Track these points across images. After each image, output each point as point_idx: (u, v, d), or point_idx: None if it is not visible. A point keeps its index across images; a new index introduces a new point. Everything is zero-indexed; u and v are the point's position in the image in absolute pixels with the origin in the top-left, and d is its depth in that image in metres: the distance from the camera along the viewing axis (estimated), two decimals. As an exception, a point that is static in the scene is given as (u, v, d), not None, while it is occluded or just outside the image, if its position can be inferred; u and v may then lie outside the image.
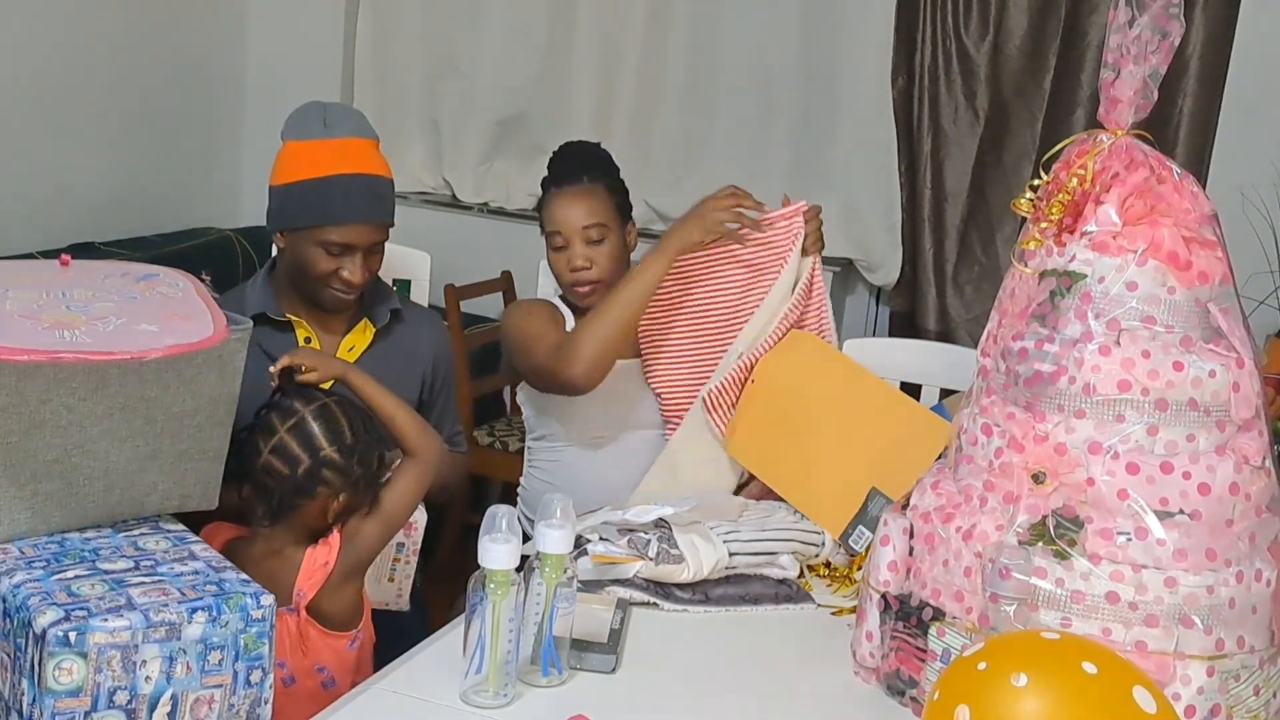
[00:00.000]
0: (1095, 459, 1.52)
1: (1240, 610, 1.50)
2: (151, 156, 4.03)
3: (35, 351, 1.48)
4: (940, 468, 1.73)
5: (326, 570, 1.81)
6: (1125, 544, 1.49)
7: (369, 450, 1.86)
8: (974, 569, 1.56)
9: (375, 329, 2.21)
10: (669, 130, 4.16)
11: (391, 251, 2.24)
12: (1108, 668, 1.27)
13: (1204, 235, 1.57)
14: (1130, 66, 1.55)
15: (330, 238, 2.09)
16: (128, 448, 1.66)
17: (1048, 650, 1.32)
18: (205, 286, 1.80)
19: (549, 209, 2.34)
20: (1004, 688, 1.25)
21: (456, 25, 4.35)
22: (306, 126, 2.12)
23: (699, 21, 4.10)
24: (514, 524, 1.52)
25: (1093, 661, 1.27)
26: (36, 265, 2.06)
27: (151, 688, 1.45)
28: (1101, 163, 1.57)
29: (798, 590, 1.92)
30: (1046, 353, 1.56)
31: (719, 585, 1.89)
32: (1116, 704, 1.24)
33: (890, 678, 1.65)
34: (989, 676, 1.28)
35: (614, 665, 1.65)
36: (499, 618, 1.51)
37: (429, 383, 2.27)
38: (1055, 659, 1.29)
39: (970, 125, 3.89)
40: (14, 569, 1.54)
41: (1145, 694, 1.25)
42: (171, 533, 1.70)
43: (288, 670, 1.78)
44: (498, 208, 4.42)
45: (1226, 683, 1.49)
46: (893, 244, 3.98)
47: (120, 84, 3.87)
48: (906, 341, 3.25)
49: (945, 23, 3.85)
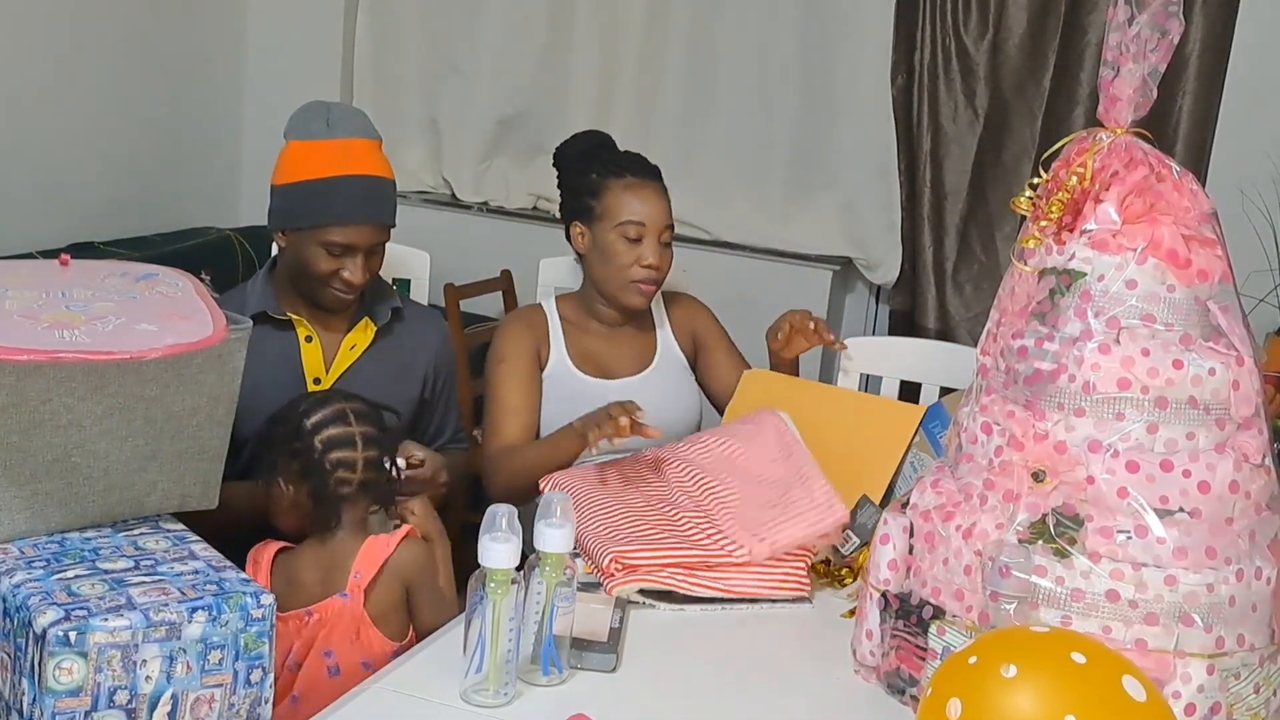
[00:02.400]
0: (1095, 457, 1.52)
1: (1240, 608, 1.50)
2: (151, 156, 4.02)
3: (35, 351, 1.48)
4: (940, 466, 1.73)
5: (386, 554, 1.86)
6: (1125, 542, 1.49)
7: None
8: (974, 567, 1.56)
9: (376, 328, 2.21)
10: (668, 129, 4.16)
11: (391, 251, 2.24)
12: (1096, 658, 1.28)
13: (1203, 233, 1.57)
14: (1130, 64, 1.55)
15: (332, 238, 2.09)
16: (127, 447, 1.66)
17: (1037, 642, 1.33)
18: (205, 286, 1.80)
19: (625, 195, 2.31)
20: (994, 679, 1.26)
21: (456, 25, 4.34)
22: (309, 126, 2.12)
23: (698, 21, 4.10)
24: (514, 523, 1.52)
25: (1081, 652, 1.27)
26: (36, 265, 2.06)
27: (152, 687, 1.45)
28: (1101, 161, 1.57)
29: (797, 589, 1.92)
30: (1046, 351, 1.56)
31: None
32: (1106, 692, 1.24)
33: (890, 676, 1.65)
34: (979, 669, 1.29)
35: (614, 664, 1.65)
36: (499, 617, 1.51)
37: (430, 381, 2.28)
38: (1044, 650, 1.30)
39: (970, 123, 3.89)
40: (14, 569, 1.54)
41: (1135, 683, 1.26)
42: (171, 532, 1.70)
43: (334, 660, 1.79)
44: (497, 207, 4.42)
45: (1227, 681, 1.50)
46: (892, 242, 3.98)
47: (120, 84, 3.87)
48: (906, 340, 3.26)
49: (945, 21, 3.85)
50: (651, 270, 2.31)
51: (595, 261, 2.36)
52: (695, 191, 4.14)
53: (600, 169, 2.35)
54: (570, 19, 4.21)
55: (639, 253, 2.30)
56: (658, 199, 2.33)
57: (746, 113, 4.10)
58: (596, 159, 2.37)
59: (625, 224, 2.30)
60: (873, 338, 3.78)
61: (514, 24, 4.26)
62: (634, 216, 2.30)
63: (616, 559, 1.83)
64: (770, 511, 1.95)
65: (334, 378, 2.17)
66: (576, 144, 2.45)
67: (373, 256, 2.15)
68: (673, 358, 2.46)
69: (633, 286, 2.32)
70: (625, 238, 2.30)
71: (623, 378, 2.38)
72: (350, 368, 2.18)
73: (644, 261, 2.30)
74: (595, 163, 2.36)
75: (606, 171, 2.34)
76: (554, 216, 4.30)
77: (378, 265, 2.18)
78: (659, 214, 2.32)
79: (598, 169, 2.35)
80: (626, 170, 2.34)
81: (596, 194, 2.34)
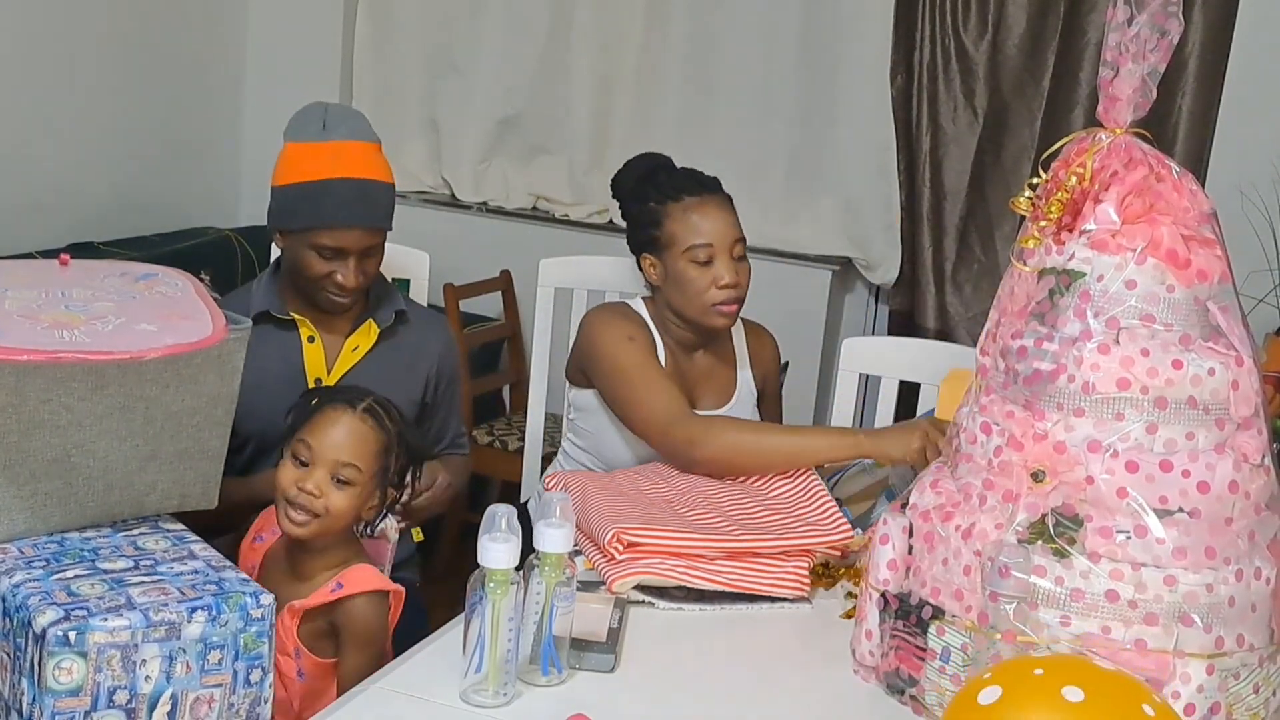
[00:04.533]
0: (1094, 457, 1.52)
1: (1240, 608, 1.50)
2: (151, 156, 4.03)
3: (35, 351, 1.48)
4: (939, 466, 1.73)
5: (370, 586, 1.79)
6: (1124, 542, 1.49)
7: None
8: (973, 567, 1.56)
9: (380, 330, 2.21)
10: (668, 130, 4.16)
11: (391, 251, 2.24)
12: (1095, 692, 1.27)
13: (1203, 233, 1.57)
14: (1129, 65, 1.55)
15: (322, 241, 2.09)
16: (127, 447, 1.66)
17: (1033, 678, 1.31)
18: (204, 286, 1.80)
19: (687, 219, 2.22)
20: None
21: (456, 25, 4.35)
22: (305, 128, 2.12)
23: (698, 21, 4.10)
24: (514, 523, 1.52)
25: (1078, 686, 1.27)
26: (36, 265, 2.06)
27: (151, 687, 1.45)
28: (1100, 161, 1.57)
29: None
30: (1046, 351, 1.56)
31: (715, 585, 1.89)
32: None
33: (890, 676, 1.65)
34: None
35: (613, 664, 1.65)
36: (499, 617, 1.51)
37: (432, 384, 2.27)
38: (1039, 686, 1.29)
39: (969, 124, 3.89)
40: (14, 569, 1.54)
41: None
42: (171, 532, 1.71)
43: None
44: (497, 207, 4.42)
45: (1226, 681, 1.50)
46: (891, 243, 3.98)
47: (120, 84, 3.87)
48: (905, 340, 3.26)
49: (944, 21, 3.85)
50: (730, 289, 2.22)
51: (672, 291, 2.26)
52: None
53: (657, 195, 2.26)
54: (570, 19, 4.21)
55: (714, 274, 2.21)
56: (721, 213, 2.24)
57: (746, 113, 4.10)
58: (651, 184, 2.28)
59: (693, 248, 2.20)
60: (872, 338, 3.78)
61: (514, 24, 4.26)
62: (700, 239, 2.21)
63: (619, 535, 1.83)
64: (778, 517, 1.97)
65: (335, 378, 2.17)
66: (631, 171, 2.37)
67: (368, 259, 2.14)
68: (748, 394, 2.39)
69: (714, 310, 2.23)
70: (696, 262, 2.21)
71: (705, 409, 2.30)
72: (352, 369, 2.18)
73: (720, 282, 2.21)
74: (650, 189, 2.28)
75: (664, 197, 2.25)
76: (553, 216, 4.35)
77: (374, 268, 2.17)
78: (726, 229, 2.22)
79: (654, 196, 2.26)
80: (683, 191, 2.25)
81: (659, 222, 2.24)
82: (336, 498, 1.74)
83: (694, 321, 2.28)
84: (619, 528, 1.84)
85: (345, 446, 1.76)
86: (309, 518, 1.74)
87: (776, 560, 1.89)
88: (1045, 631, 1.50)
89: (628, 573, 1.83)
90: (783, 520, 1.96)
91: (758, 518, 1.98)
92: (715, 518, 1.95)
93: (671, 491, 2.05)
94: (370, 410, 1.79)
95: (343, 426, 1.76)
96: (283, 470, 1.77)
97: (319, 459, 1.75)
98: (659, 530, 1.86)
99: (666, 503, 2.01)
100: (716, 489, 2.07)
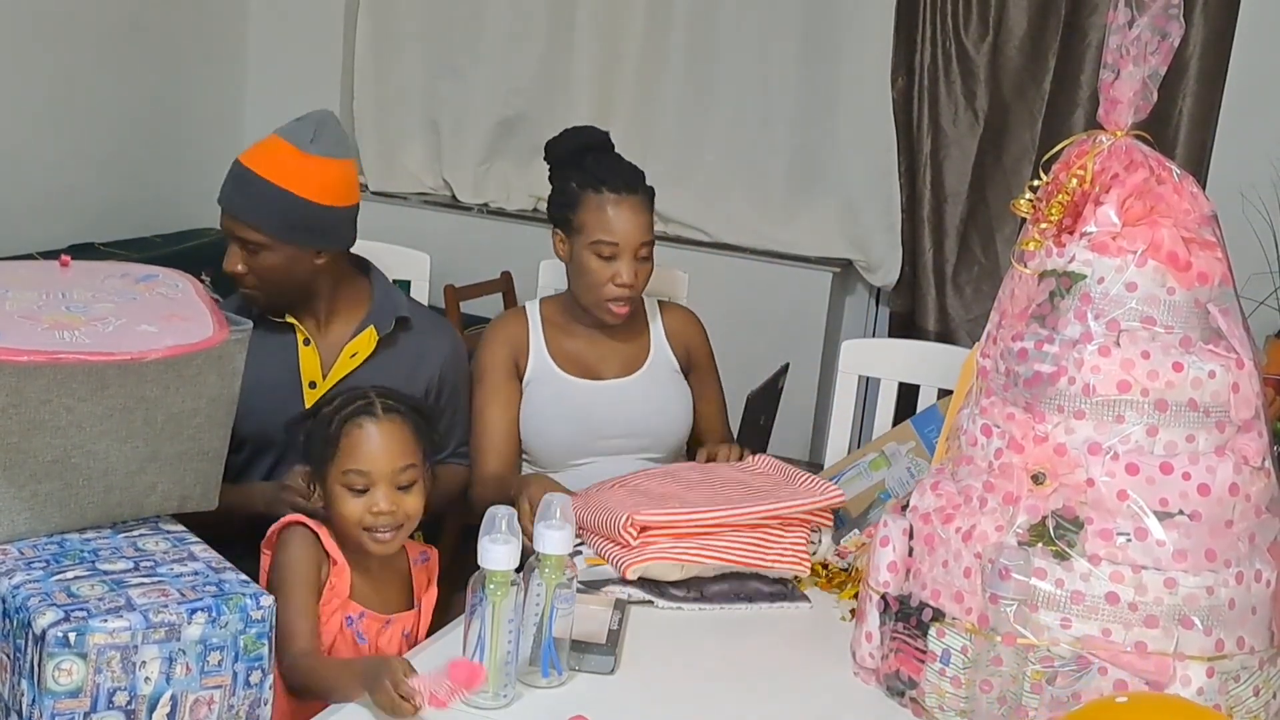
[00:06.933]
0: (1095, 459, 1.52)
1: (1240, 611, 1.50)
2: (152, 158, 4.03)
3: (35, 352, 1.48)
4: (940, 468, 1.73)
5: None
6: (1125, 545, 1.49)
7: None
8: (974, 570, 1.56)
9: (379, 337, 2.20)
10: (668, 131, 4.17)
11: (391, 251, 2.23)
12: None
13: (1203, 236, 1.57)
14: (1130, 67, 1.55)
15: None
16: (127, 448, 1.66)
17: None
18: (205, 287, 1.80)
19: (600, 213, 2.22)
20: None
21: (456, 25, 4.35)
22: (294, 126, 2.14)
23: (698, 22, 4.10)
24: (514, 525, 1.52)
25: None
26: (36, 266, 2.05)
27: (151, 688, 1.45)
28: (1101, 163, 1.57)
29: (793, 590, 1.93)
30: (1046, 353, 1.56)
31: (714, 583, 1.90)
32: None
33: (890, 678, 1.65)
34: None
35: (613, 666, 1.65)
36: (499, 618, 1.51)
37: (434, 392, 2.23)
38: None
39: (970, 126, 3.90)
40: (14, 569, 1.54)
41: None
42: (171, 533, 1.70)
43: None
44: (497, 208, 4.42)
45: (1226, 683, 1.49)
46: (892, 244, 3.99)
47: (120, 85, 3.87)
48: (905, 342, 3.26)
49: (945, 23, 3.85)
50: (625, 289, 2.23)
51: (572, 273, 2.30)
52: (695, 193, 4.15)
53: (579, 178, 2.25)
54: (570, 21, 4.22)
55: (613, 270, 2.22)
56: (634, 215, 2.23)
57: (747, 114, 4.10)
58: (579, 165, 2.28)
59: (598, 243, 2.21)
60: (872, 339, 3.78)
61: (514, 26, 4.27)
62: (607, 236, 2.21)
63: (631, 516, 1.86)
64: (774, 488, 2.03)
65: (330, 383, 2.15)
66: (566, 142, 2.36)
67: (254, 255, 2.10)
68: (665, 362, 2.39)
69: (605, 305, 2.25)
70: (599, 255, 2.22)
71: (611, 379, 2.33)
72: (348, 376, 2.17)
73: (618, 279, 2.22)
74: (576, 170, 2.27)
75: (585, 183, 2.24)
76: (554, 218, 4.34)
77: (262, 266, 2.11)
78: (634, 231, 2.21)
79: (576, 177, 2.26)
80: (604, 184, 2.23)
81: (574, 206, 2.24)
82: (409, 502, 1.75)
83: (587, 310, 2.30)
84: (631, 512, 1.88)
85: (393, 454, 1.75)
86: (394, 533, 1.75)
87: (777, 533, 1.93)
88: (1045, 634, 1.50)
89: (641, 559, 1.85)
90: (777, 493, 2.00)
91: (758, 489, 2.01)
92: (717, 492, 2.00)
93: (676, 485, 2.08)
94: (386, 408, 1.78)
95: (379, 437, 1.75)
96: (345, 505, 1.74)
97: (376, 478, 1.73)
98: (667, 510, 1.90)
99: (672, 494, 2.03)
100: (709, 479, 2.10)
